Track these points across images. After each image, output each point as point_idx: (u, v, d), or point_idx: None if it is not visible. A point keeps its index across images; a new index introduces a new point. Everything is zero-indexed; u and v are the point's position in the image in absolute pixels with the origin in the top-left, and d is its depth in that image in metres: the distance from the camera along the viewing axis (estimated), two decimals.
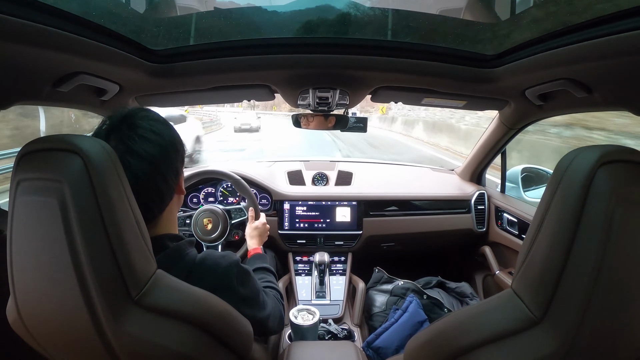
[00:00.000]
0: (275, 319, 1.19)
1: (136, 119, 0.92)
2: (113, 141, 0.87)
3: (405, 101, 1.76)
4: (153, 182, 0.92)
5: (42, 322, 0.70)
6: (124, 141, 0.88)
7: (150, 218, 0.96)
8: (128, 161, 0.86)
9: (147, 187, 0.91)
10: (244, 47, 1.34)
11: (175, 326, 0.74)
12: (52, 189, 0.63)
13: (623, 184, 0.63)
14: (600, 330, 0.64)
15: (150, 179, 0.91)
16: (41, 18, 0.81)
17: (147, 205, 0.92)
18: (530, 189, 2.43)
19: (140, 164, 0.88)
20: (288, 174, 2.62)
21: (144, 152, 0.89)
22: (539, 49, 1.11)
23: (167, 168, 0.95)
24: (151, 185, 0.92)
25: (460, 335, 0.79)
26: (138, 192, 0.85)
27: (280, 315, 1.25)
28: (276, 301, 1.26)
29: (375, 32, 1.63)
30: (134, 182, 0.85)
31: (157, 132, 0.93)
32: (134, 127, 0.90)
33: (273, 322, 1.17)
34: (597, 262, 0.61)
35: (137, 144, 0.88)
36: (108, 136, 0.89)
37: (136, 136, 0.89)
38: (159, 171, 0.92)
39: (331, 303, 2.17)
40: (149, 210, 0.94)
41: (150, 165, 0.90)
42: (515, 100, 1.66)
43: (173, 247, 0.94)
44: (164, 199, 0.97)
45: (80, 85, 1.13)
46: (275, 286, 1.42)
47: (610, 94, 1.13)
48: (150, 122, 0.93)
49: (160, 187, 0.94)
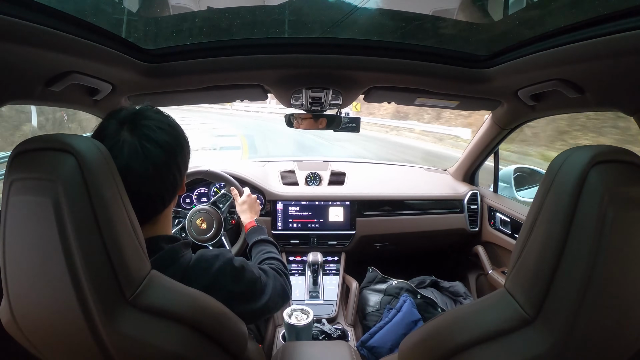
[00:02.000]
0: (275, 299, 1.15)
1: (150, 113, 0.93)
2: (126, 131, 0.87)
3: (398, 101, 1.77)
4: (170, 171, 0.92)
5: (35, 323, 0.69)
6: (140, 129, 0.88)
7: (160, 209, 0.97)
8: (146, 148, 0.87)
9: (164, 176, 0.91)
10: (237, 46, 1.33)
11: (170, 326, 0.74)
12: (46, 189, 0.62)
13: (615, 183, 0.63)
14: (593, 329, 0.65)
15: (168, 167, 0.92)
16: (34, 17, 0.80)
17: (159, 197, 0.94)
18: (523, 189, 2.45)
19: (159, 152, 0.88)
20: (281, 174, 2.61)
21: (162, 140, 0.89)
22: (532, 49, 1.11)
23: (182, 159, 0.97)
24: (168, 174, 0.92)
25: (453, 335, 0.80)
26: (154, 182, 0.88)
27: (282, 290, 1.21)
28: (276, 275, 1.22)
29: (368, 33, 1.63)
30: (153, 169, 0.87)
31: (172, 125, 0.95)
32: (149, 118, 0.91)
33: (274, 303, 1.14)
34: (590, 261, 0.62)
35: (155, 133, 0.89)
36: (121, 125, 0.88)
37: (154, 126, 0.90)
38: (175, 160, 0.93)
39: (325, 303, 2.17)
40: (161, 202, 0.96)
41: (167, 154, 0.90)
42: (507, 101, 1.67)
43: (168, 249, 0.93)
44: (175, 191, 0.98)
45: (73, 84, 1.12)
46: (276, 255, 1.41)
47: (602, 94, 1.14)
48: (162, 116, 0.95)
49: (175, 177, 0.95)
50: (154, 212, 0.95)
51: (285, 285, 1.24)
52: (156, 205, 0.95)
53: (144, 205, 0.91)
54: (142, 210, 0.91)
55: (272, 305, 1.13)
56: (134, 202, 0.85)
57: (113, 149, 0.84)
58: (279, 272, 1.25)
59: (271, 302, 1.13)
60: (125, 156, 0.85)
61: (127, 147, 0.85)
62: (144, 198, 0.90)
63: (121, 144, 0.85)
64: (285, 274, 1.29)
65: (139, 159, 0.86)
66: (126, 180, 0.79)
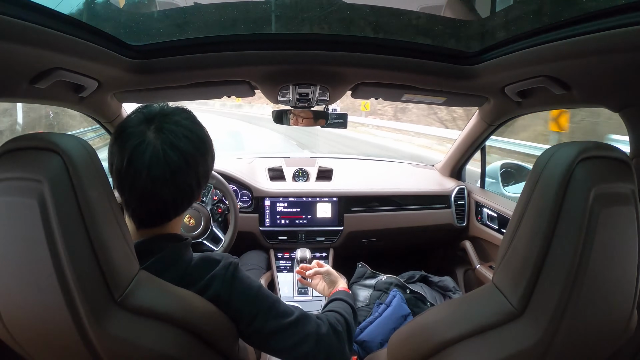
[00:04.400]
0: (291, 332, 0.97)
1: (179, 117, 0.90)
2: (153, 132, 0.85)
3: (385, 97, 1.77)
4: (188, 181, 0.90)
5: (23, 325, 0.68)
6: (167, 135, 0.86)
7: (172, 216, 0.94)
8: (169, 155, 0.84)
9: (181, 185, 0.89)
10: (223, 42, 1.32)
11: (159, 327, 0.74)
12: (32, 189, 0.61)
13: (601, 179, 0.64)
14: (580, 322, 0.66)
15: (187, 177, 0.89)
16: (17, 13, 0.79)
17: (174, 203, 0.91)
18: (510, 184, 2.47)
19: (179, 161, 0.86)
20: (268, 171, 2.60)
21: (185, 150, 0.87)
22: (519, 46, 1.12)
23: (204, 171, 0.94)
24: (186, 183, 0.89)
25: (442, 329, 0.80)
26: (171, 188, 0.86)
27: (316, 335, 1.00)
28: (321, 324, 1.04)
29: (355, 29, 1.63)
30: (170, 175, 0.85)
31: (199, 135, 0.92)
32: (177, 124, 0.88)
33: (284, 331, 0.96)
34: (577, 255, 0.63)
35: (181, 141, 0.86)
36: (148, 123, 0.86)
37: (180, 134, 0.87)
38: (195, 172, 0.90)
39: (313, 299, 2.18)
40: (174, 209, 0.93)
41: (188, 164, 0.88)
42: (494, 97, 1.68)
43: (168, 250, 0.90)
44: (191, 199, 0.95)
45: (58, 81, 1.10)
46: (345, 314, 1.15)
47: (587, 91, 1.15)
48: (192, 124, 0.92)
49: (192, 188, 0.92)
50: (165, 218, 0.93)
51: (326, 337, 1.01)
52: (169, 212, 0.92)
53: (157, 210, 0.90)
54: (154, 215, 0.91)
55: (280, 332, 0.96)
56: (148, 206, 0.84)
57: (137, 148, 0.83)
58: (332, 325, 1.06)
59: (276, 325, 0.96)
60: (147, 159, 0.83)
61: (150, 149, 0.83)
62: (158, 204, 0.88)
63: (145, 145, 0.83)
64: (338, 333, 1.05)
65: (160, 164, 0.84)
66: (145, 184, 0.80)
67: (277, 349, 0.97)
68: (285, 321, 0.96)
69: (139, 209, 0.89)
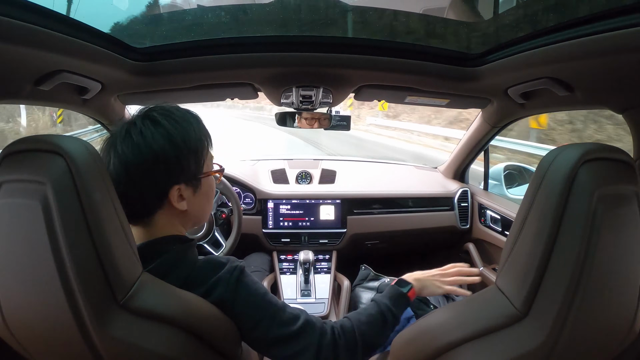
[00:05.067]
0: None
1: (156, 113, 0.91)
2: (139, 120, 0.89)
3: (388, 99, 1.77)
4: (147, 176, 0.88)
5: (26, 326, 0.68)
6: (152, 117, 0.89)
7: (153, 210, 0.92)
8: (154, 135, 0.87)
9: (137, 181, 0.88)
10: (227, 45, 1.32)
11: (162, 330, 0.74)
12: (35, 191, 0.62)
13: (605, 181, 0.64)
14: (584, 325, 0.65)
15: (145, 172, 0.87)
16: (22, 15, 0.79)
17: (140, 199, 0.90)
18: (513, 186, 2.46)
19: (133, 156, 0.86)
20: (272, 173, 2.60)
21: (144, 145, 0.87)
22: (522, 47, 1.12)
23: (173, 168, 0.91)
24: (144, 179, 0.88)
25: (445, 332, 0.80)
26: (127, 184, 0.87)
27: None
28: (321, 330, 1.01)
29: (358, 31, 1.63)
30: (125, 173, 0.87)
31: (170, 134, 0.90)
32: (164, 109, 0.92)
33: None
34: (580, 258, 0.62)
35: (166, 121, 0.89)
36: (135, 119, 0.90)
37: (165, 116, 0.90)
38: (158, 168, 0.88)
39: (316, 301, 2.17)
40: (142, 204, 0.91)
41: (150, 161, 0.87)
42: (497, 99, 1.68)
43: (172, 253, 0.90)
44: (158, 197, 0.92)
45: (62, 83, 1.11)
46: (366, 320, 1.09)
47: (591, 92, 1.15)
48: (168, 120, 0.91)
49: (157, 184, 0.90)
50: (145, 213, 0.92)
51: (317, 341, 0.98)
52: (136, 208, 0.90)
53: (130, 206, 0.87)
54: (130, 212, 0.88)
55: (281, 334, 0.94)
56: (123, 203, 0.84)
57: (130, 129, 0.88)
58: (335, 337, 1.02)
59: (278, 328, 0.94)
60: (135, 138, 0.86)
61: (138, 129, 0.87)
62: (126, 200, 0.84)
63: (133, 128, 0.87)
64: (338, 346, 1.00)
65: (149, 137, 0.87)
66: (137, 161, 0.84)
67: (277, 356, 0.96)
68: (287, 331, 0.94)
69: (138, 194, 0.90)
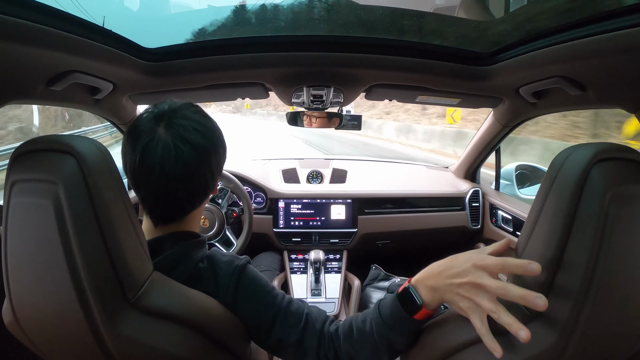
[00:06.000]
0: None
1: (187, 112, 0.91)
2: (162, 129, 0.86)
3: (399, 99, 1.76)
4: (202, 173, 0.90)
5: (37, 324, 0.69)
6: (176, 129, 0.86)
7: (189, 210, 0.95)
8: (180, 149, 0.85)
9: (195, 178, 0.89)
10: (237, 45, 1.33)
11: (172, 329, 0.74)
12: (46, 191, 0.63)
13: (617, 181, 0.63)
14: (595, 326, 0.65)
15: (200, 170, 0.89)
16: (35, 16, 0.80)
17: (190, 197, 0.92)
18: (525, 186, 2.44)
19: (191, 153, 0.86)
20: (283, 172, 2.62)
21: (195, 142, 0.87)
22: (534, 46, 1.11)
23: (216, 163, 0.94)
24: (200, 176, 0.90)
25: (454, 333, 0.80)
26: (185, 182, 0.87)
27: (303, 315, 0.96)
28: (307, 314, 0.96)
29: (369, 30, 1.63)
30: (184, 169, 0.86)
31: (208, 127, 0.92)
32: (186, 118, 0.89)
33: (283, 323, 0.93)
34: (592, 258, 0.62)
35: (190, 134, 0.87)
36: (156, 124, 0.87)
37: (190, 127, 0.87)
38: (208, 164, 0.91)
39: (327, 301, 2.17)
40: (190, 203, 0.94)
41: (200, 156, 0.88)
42: (509, 98, 1.66)
43: (179, 248, 0.90)
44: (206, 193, 0.96)
45: (74, 83, 1.12)
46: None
47: (603, 91, 1.13)
48: (201, 116, 0.93)
49: (206, 180, 0.93)
50: (181, 212, 0.94)
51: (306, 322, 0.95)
52: (184, 206, 0.93)
53: (173, 205, 0.91)
54: (171, 210, 0.92)
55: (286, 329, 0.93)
56: (164, 201, 0.85)
57: (148, 145, 0.83)
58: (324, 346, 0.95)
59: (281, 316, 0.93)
60: (159, 154, 0.83)
61: (161, 145, 0.84)
62: (174, 198, 0.89)
63: (156, 141, 0.84)
64: None
65: (171, 159, 0.84)
66: (159, 179, 0.80)
67: (281, 356, 0.97)
68: (289, 337, 0.92)
69: (155, 205, 0.90)
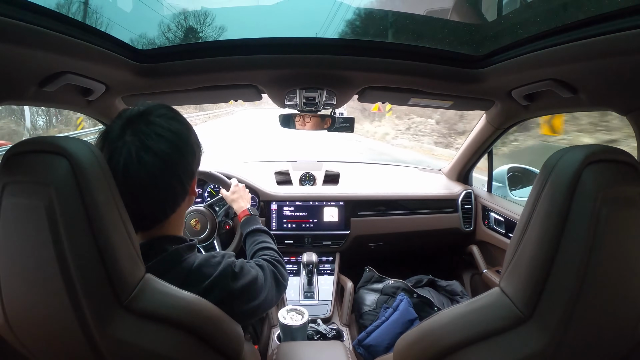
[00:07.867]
0: (272, 292, 1.12)
1: (154, 116, 0.89)
2: (129, 136, 0.85)
3: (392, 101, 1.77)
4: (168, 181, 0.89)
5: (29, 327, 0.69)
6: (139, 137, 0.85)
7: (162, 218, 0.94)
8: (143, 158, 0.84)
9: (161, 186, 0.89)
10: (230, 47, 1.33)
11: (165, 331, 0.73)
12: (39, 192, 0.62)
13: (609, 183, 0.64)
14: (588, 327, 0.65)
15: (166, 178, 0.89)
16: (27, 17, 0.79)
17: (159, 205, 0.91)
18: (517, 188, 2.45)
19: (155, 162, 0.85)
20: (275, 175, 2.61)
21: (159, 150, 0.86)
22: (526, 49, 1.11)
23: (184, 169, 0.93)
24: (166, 184, 0.89)
25: (448, 334, 0.80)
26: (151, 191, 0.86)
27: (277, 281, 1.16)
28: (271, 268, 1.17)
29: (362, 33, 1.63)
30: (150, 179, 0.85)
31: (175, 132, 0.90)
32: (151, 124, 0.88)
33: (271, 296, 1.11)
34: (584, 259, 0.62)
35: (154, 141, 0.86)
36: (124, 130, 0.86)
37: (153, 133, 0.86)
38: (174, 171, 0.90)
39: (320, 303, 2.17)
40: (161, 210, 0.93)
41: (165, 164, 0.87)
42: (501, 101, 1.67)
43: (171, 252, 0.91)
44: (177, 200, 0.95)
45: (67, 85, 1.11)
46: (270, 245, 1.40)
47: (595, 94, 1.14)
48: (168, 120, 0.91)
49: (175, 188, 0.92)
50: (154, 220, 0.93)
51: (280, 275, 1.20)
52: (156, 214, 0.92)
53: (145, 212, 0.90)
54: (144, 217, 0.91)
55: (269, 299, 1.10)
56: (136, 208, 0.83)
57: (114, 153, 0.83)
58: (273, 263, 1.21)
59: (269, 296, 1.10)
60: (122, 163, 0.83)
61: (125, 152, 0.83)
62: (144, 205, 0.88)
63: (120, 149, 0.84)
64: (280, 262, 1.26)
65: (134, 167, 0.84)
66: (123, 187, 0.77)
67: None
68: (257, 302, 1.04)
69: (130, 213, 0.84)
